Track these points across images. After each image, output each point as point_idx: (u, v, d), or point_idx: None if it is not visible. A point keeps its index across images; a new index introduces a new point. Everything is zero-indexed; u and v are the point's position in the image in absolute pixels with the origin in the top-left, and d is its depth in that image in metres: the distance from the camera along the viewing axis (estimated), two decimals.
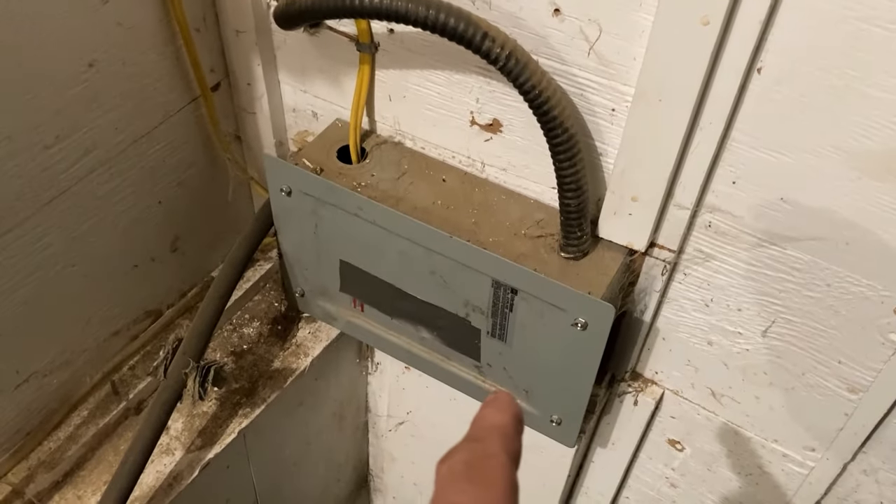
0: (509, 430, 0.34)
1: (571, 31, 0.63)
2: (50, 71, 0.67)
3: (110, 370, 0.85)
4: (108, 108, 0.73)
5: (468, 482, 0.31)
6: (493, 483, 0.31)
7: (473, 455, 0.32)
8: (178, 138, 0.83)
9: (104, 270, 0.81)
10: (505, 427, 0.34)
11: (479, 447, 0.32)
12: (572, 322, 0.68)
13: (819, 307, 0.67)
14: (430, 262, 0.75)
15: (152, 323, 0.90)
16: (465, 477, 0.31)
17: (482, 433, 0.33)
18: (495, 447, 0.32)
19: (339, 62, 0.79)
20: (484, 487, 0.30)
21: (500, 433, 0.33)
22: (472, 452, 0.32)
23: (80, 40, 0.68)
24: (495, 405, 0.35)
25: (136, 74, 0.75)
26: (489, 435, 0.33)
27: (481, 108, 0.74)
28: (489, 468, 0.31)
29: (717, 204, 0.67)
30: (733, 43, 0.56)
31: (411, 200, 0.76)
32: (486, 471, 0.31)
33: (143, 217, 0.83)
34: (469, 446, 0.33)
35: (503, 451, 0.32)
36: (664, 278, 0.73)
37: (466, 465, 0.31)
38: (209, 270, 0.97)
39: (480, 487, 0.30)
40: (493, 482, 0.31)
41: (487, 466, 0.31)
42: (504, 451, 0.32)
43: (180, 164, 0.85)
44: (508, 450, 0.33)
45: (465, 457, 0.32)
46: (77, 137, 0.71)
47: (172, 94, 0.80)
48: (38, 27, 0.64)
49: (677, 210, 0.68)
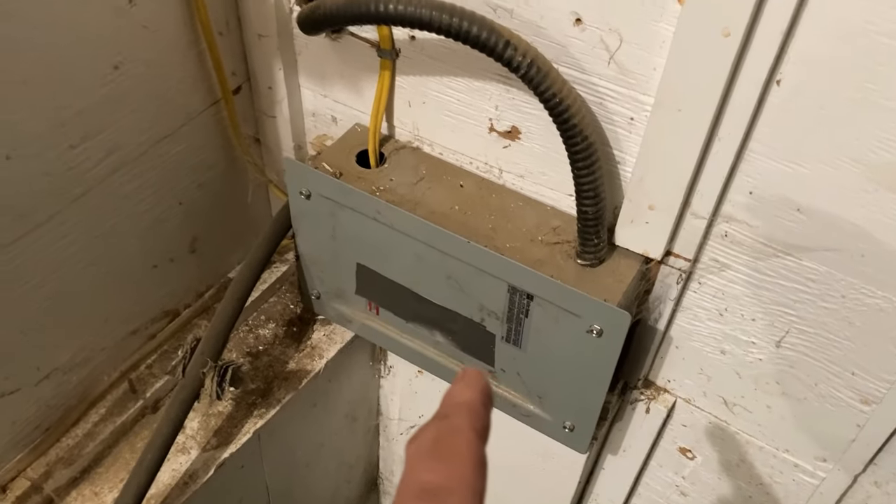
0: (477, 405, 0.34)
1: (592, 40, 0.64)
2: (77, 72, 0.68)
3: (128, 368, 0.86)
4: (132, 109, 0.74)
5: (436, 459, 0.31)
6: (460, 458, 0.31)
7: (440, 432, 0.32)
8: (199, 140, 0.84)
9: (124, 269, 0.82)
10: (472, 403, 0.34)
11: (446, 424, 0.33)
12: (588, 329, 0.69)
13: (833, 318, 0.67)
14: (446, 266, 0.75)
15: (170, 322, 0.91)
16: (432, 454, 0.31)
17: (449, 410, 0.34)
18: (462, 423, 0.32)
19: (359, 68, 0.80)
20: (451, 463, 0.31)
21: (468, 409, 0.33)
22: (439, 430, 0.32)
23: (107, 43, 0.69)
24: (464, 382, 0.35)
25: (160, 77, 0.76)
26: (456, 411, 0.33)
27: (500, 116, 0.74)
28: (456, 444, 0.32)
29: (734, 214, 0.67)
30: (753, 55, 0.57)
31: (429, 205, 0.77)
32: (453, 447, 0.31)
33: (163, 217, 0.84)
34: (436, 424, 0.33)
35: (470, 427, 0.32)
36: (679, 287, 0.74)
37: (434, 443, 0.32)
38: (226, 271, 0.98)
39: (448, 463, 0.31)
40: (460, 457, 0.31)
41: (454, 442, 0.32)
42: (471, 426, 0.32)
43: (201, 166, 0.86)
44: (476, 425, 0.33)
45: (433, 434, 0.32)
46: (101, 138, 0.73)
47: (195, 97, 0.81)
48: (66, 29, 0.65)
49: (694, 219, 0.68)
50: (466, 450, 0.31)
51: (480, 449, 0.32)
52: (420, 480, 0.30)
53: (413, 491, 0.30)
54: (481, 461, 0.31)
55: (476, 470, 0.31)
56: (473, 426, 0.33)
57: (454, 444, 0.31)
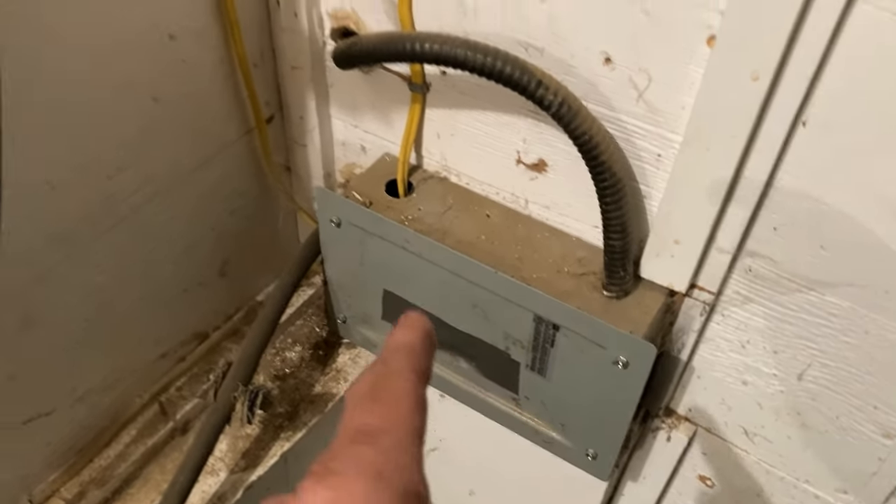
0: (416, 347, 0.33)
1: (621, 79, 0.65)
2: (117, 104, 0.70)
3: (158, 390, 0.88)
4: (169, 140, 0.77)
5: (372, 401, 0.30)
6: (396, 399, 0.30)
7: (378, 376, 0.32)
8: (232, 168, 0.86)
9: (156, 294, 0.84)
10: (411, 345, 0.33)
11: (384, 367, 0.32)
12: (613, 360, 0.70)
13: (856, 353, 0.68)
14: (472, 294, 0.77)
15: (199, 344, 0.93)
16: (369, 397, 0.31)
17: (389, 354, 0.33)
18: (401, 365, 0.32)
19: (390, 100, 0.82)
20: (387, 404, 0.30)
21: (407, 351, 0.33)
22: (377, 374, 0.32)
23: (147, 76, 0.71)
24: (404, 325, 0.35)
25: (197, 108, 0.78)
26: (395, 355, 0.33)
27: (528, 148, 0.76)
28: (393, 386, 0.31)
29: (758, 249, 0.68)
30: (780, 97, 0.58)
31: (456, 234, 0.78)
32: (390, 389, 0.31)
33: (195, 243, 0.86)
34: (375, 368, 0.32)
35: (409, 369, 0.32)
36: (702, 318, 0.75)
37: (371, 386, 0.31)
38: (254, 293, 0.99)
39: (385, 405, 0.30)
40: (397, 399, 0.30)
41: (391, 385, 0.31)
42: (410, 368, 0.32)
43: (233, 193, 0.88)
44: (415, 367, 0.32)
45: (371, 378, 0.32)
46: (138, 168, 0.75)
47: (229, 126, 0.83)
48: (107, 62, 0.67)
49: (718, 254, 0.70)
50: (403, 391, 0.31)
51: (419, 389, 0.31)
52: (356, 423, 0.29)
53: (349, 434, 0.29)
54: (419, 401, 0.31)
55: (413, 409, 0.30)
56: (413, 367, 0.32)
57: (391, 386, 0.31)
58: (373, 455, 0.27)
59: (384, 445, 0.28)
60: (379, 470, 0.27)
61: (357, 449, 0.27)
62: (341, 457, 0.27)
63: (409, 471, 0.27)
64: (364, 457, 0.27)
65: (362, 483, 0.26)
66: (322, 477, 0.26)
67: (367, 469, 0.27)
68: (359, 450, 0.27)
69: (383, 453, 0.27)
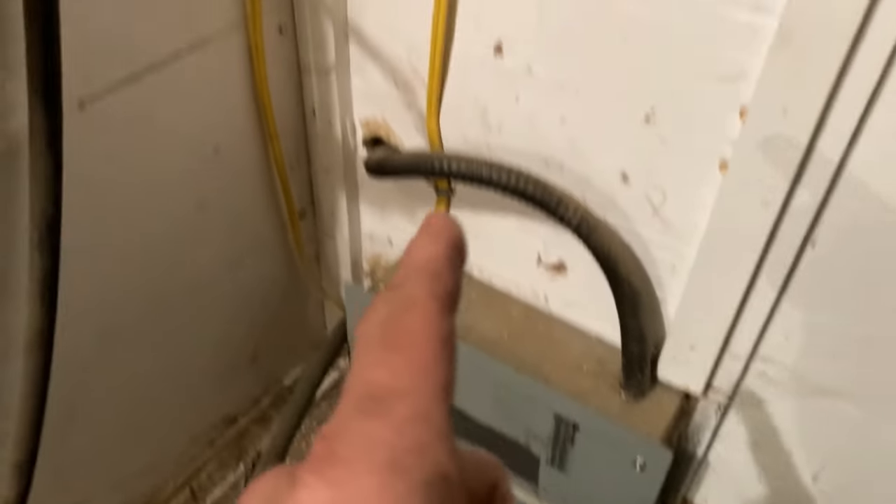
0: (439, 264, 0.25)
1: (638, 195, 0.69)
2: (165, 210, 0.74)
3: (190, 475, 0.91)
4: (210, 241, 0.81)
5: (385, 348, 0.23)
6: (416, 345, 0.23)
7: (392, 308, 0.24)
8: (265, 262, 0.90)
9: (191, 381, 0.87)
10: (433, 262, 0.25)
11: (398, 296, 0.24)
12: (631, 461, 0.72)
13: (869, 458, 0.70)
14: (495, 390, 0.80)
15: (227, 428, 0.96)
16: (380, 342, 0.23)
17: (404, 276, 0.25)
18: (419, 291, 0.24)
19: (416, 200, 0.86)
20: (405, 353, 0.23)
21: (427, 272, 0.25)
22: (390, 305, 0.24)
23: (193, 185, 0.76)
24: (425, 233, 0.26)
25: (236, 210, 0.83)
26: (413, 276, 0.25)
27: (548, 251, 0.80)
28: (411, 325, 0.23)
29: (770, 355, 0.71)
30: (789, 221, 0.61)
31: (480, 331, 0.82)
32: (407, 329, 0.23)
33: (229, 332, 0.89)
34: (388, 297, 0.24)
35: (430, 296, 0.24)
36: (717, 417, 0.77)
37: (383, 325, 0.23)
38: (281, 377, 1.03)
39: (400, 354, 0.23)
40: (416, 344, 0.23)
41: (409, 322, 0.23)
42: (432, 295, 0.24)
43: (265, 283, 0.92)
44: (437, 291, 0.24)
45: (382, 314, 0.24)
46: (182, 267, 0.79)
47: (264, 223, 0.87)
48: (159, 175, 0.72)
49: (732, 359, 0.72)
50: (423, 330, 0.23)
51: (444, 325, 0.23)
52: (364, 382, 0.22)
53: (356, 398, 0.22)
54: (445, 342, 0.23)
55: (437, 356, 0.23)
56: (435, 293, 0.24)
57: (408, 325, 0.23)
58: (386, 434, 0.21)
59: (400, 417, 0.21)
60: (394, 457, 0.21)
61: (366, 425, 0.21)
62: (347, 435, 0.21)
63: (432, 451, 0.21)
64: (375, 437, 0.21)
65: (373, 477, 0.20)
66: (324, 467, 0.20)
67: (380, 456, 0.21)
68: (369, 427, 0.21)
69: (399, 430, 0.21)
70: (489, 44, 0.69)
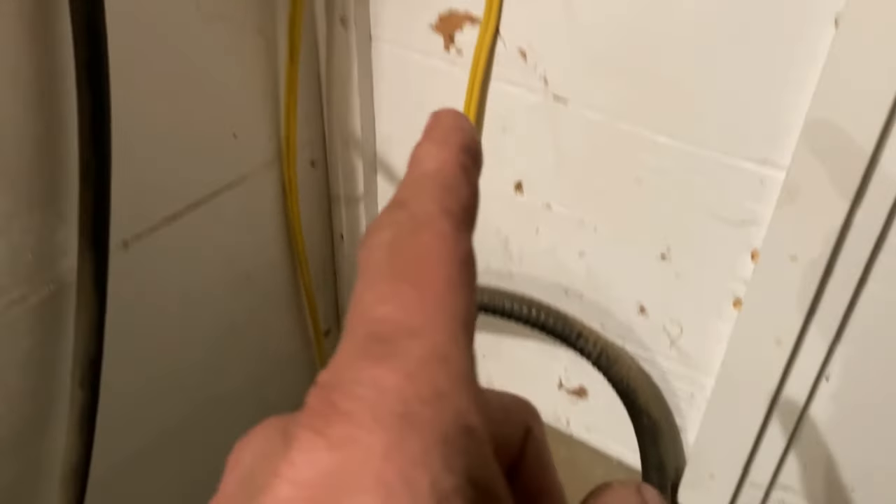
0: (451, 173, 0.21)
1: (655, 326, 0.71)
2: (198, 339, 0.77)
3: None
4: (238, 362, 0.84)
5: (392, 277, 0.19)
6: (427, 272, 0.19)
7: (397, 230, 0.20)
8: (290, 379, 0.92)
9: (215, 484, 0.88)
10: (443, 171, 0.21)
11: (404, 215, 0.20)
12: None
13: None
14: None
15: None
16: (386, 271, 0.19)
17: (410, 190, 0.21)
18: (428, 207, 0.20)
19: None
20: (414, 282, 0.19)
21: (437, 183, 0.21)
22: (395, 226, 0.20)
23: (225, 311, 0.79)
24: (430, 137, 0.22)
25: (265, 331, 0.85)
26: (419, 191, 0.21)
27: (569, 376, 0.81)
28: (420, 247, 0.20)
29: (790, 484, 0.72)
30: (803, 357, 0.63)
31: None
32: (415, 253, 0.19)
33: None
34: (392, 216, 0.21)
35: (441, 212, 0.20)
36: None
37: (388, 252, 0.20)
38: None
39: (408, 283, 0.19)
40: (426, 270, 0.19)
41: (417, 245, 0.20)
42: (442, 210, 0.20)
43: (291, 401, 0.94)
44: (450, 206, 0.21)
45: (386, 237, 0.20)
46: (210, 389, 0.81)
47: (291, 343, 0.90)
48: (192, 303, 0.75)
49: (752, 488, 0.73)
50: (435, 254, 0.20)
51: (459, 245, 0.20)
52: (369, 318, 0.18)
53: (359, 337, 0.18)
54: (461, 265, 0.20)
55: (453, 285, 0.19)
56: (447, 209, 0.20)
57: (417, 248, 0.20)
58: (396, 381, 0.17)
59: (412, 360, 0.18)
60: (406, 409, 0.17)
61: (372, 372, 0.17)
62: (349, 384, 0.17)
63: (451, 399, 0.17)
64: (383, 385, 0.17)
65: (381, 434, 0.16)
66: (322, 423, 0.16)
67: (388, 408, 0.17)
68: (374, 373, 0.17)
69: (411, 376, 0.17)
70: (510, 181, 0.73)
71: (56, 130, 0.57)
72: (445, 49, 0.70)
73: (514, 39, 0.66)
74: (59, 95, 0.56)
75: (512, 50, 0.66)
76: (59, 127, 0.57)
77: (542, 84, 0.66)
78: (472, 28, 0.67)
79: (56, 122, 0.57)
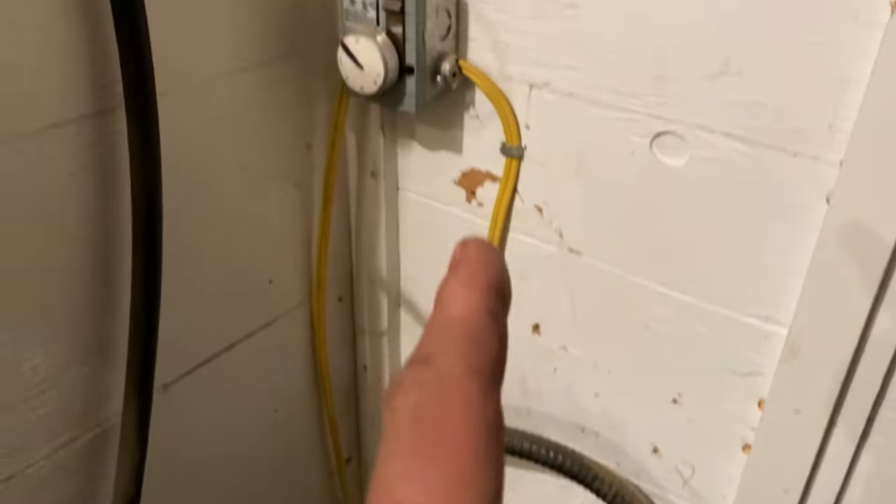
0: (478, 321, 0.20)
1: (668, 466, 0.74)
2: (225, 473, 0.80)
3: None
4: (263, 492, 0.86)
5: (415, 454, 0.18)
6: (452, 445, 0.18)
7: (422, 393, 0.19)
8: None
9: None
10: (470, 319, 0.20)
11: (430, 376, 0.19)
12: None
13: None
14: None
15: None
16: (410, 445, 0.18)
17: (435, 341, 0.20)
18: (454, 367, 0.19)
19: None
20: (438, 459, 0.18)
21: (463, 335, 0.20)
22: (420, 388, 0.19)
23: (253, 445, 0.82)
24: (459, 275, 0.21)
25: (288, 460, 0.88)
26: (445, 344, 0.19)
27: None
28: (445, 417, 0.18)
29: None
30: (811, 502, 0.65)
31: None
32: (440, 424, 0.18)
33: None
34: (417, 375, 0.19)
35: (467, 373, 0.19)
36: None
37: (413, 420, 0.18)
38: None
39: (433, 461, 0.17)
40: (452, 443, 0.18)
41: (443, 414, 0.18)
42: (469, 370, 0.19)
43: None
44: (477, 364, 0.19)
45: (411, 400, 0.19)
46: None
47: (313, 471, 0.93)
48: (223, 439, 0.78)
49: None
50: (461, 423, 0.18)
51: (486, 410, 0.19)
52: (391, 500, 0.17)
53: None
54: (488, 433, 0.18)
55: (479, 462, 0.18)
56: (473, 367, 0.19)
57: (443, 417, 0.18)
58: None
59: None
60: None
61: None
62: None
63: None
64: None
65: None
66: None
67: None
68: None
69: None
70: (528, 323, 0.77)
71: (109, 284, 0.62)
72: (467, 201, 0.76)
73: (530, 197, 0.71)
74: (114, 256, 0.61)
75: (529, 206, 0.71)
76: (112, 281, 0.62)
77: (558, 237, 0.71)
78: (492, 185, 0.73)
79: (109, 276, 0.61)
